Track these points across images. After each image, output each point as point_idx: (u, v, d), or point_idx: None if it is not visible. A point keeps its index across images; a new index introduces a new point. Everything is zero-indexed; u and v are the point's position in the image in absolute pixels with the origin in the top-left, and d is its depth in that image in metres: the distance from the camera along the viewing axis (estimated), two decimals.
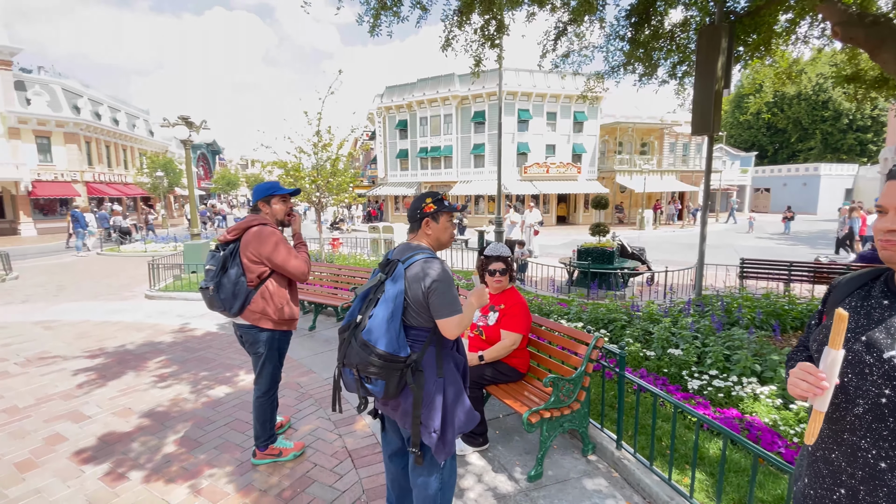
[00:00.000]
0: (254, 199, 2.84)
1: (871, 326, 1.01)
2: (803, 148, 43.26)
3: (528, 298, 6.44)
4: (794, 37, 6.25)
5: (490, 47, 6.39)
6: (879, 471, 0.95)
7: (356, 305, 1.94)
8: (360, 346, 1.78)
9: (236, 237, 2.71)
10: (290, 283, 2.85)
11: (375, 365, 1.76)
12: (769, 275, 7.62)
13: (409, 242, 2.04)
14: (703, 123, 5.27)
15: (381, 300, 1.83)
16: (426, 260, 1.89)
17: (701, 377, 3.86)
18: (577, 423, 2.95)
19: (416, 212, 2.02)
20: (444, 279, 1.86)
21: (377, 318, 1.79)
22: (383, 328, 1.77)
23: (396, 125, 32.52)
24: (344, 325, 1.91)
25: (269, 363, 2.83)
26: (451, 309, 1.85)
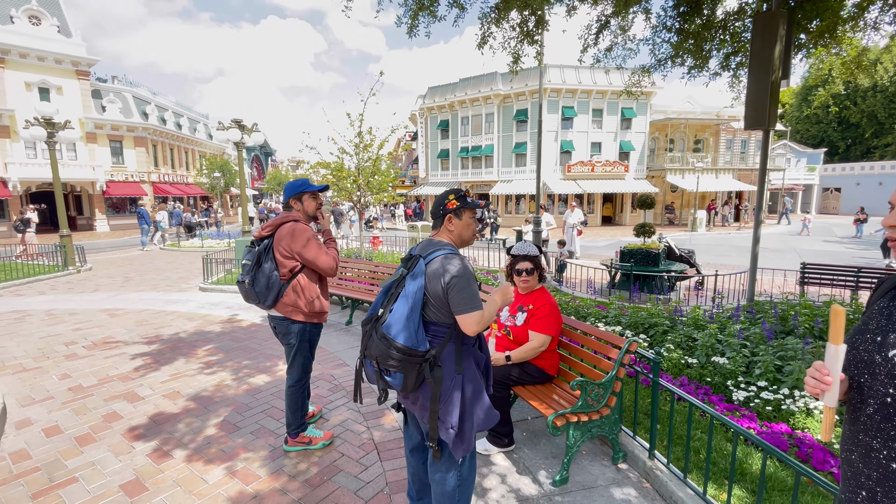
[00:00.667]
0: (285, 196, 2.95)
1: (889, 327, 1.00)
2: (879, 144, 39.34)
3: (565, 300, 6.28)
4: (862, 22, 5.70)
5: (529, 44, 6.29)
6: (892, 471, 0.93)
7: (379, 299, 1.96)
8: (380, 338, 1.81)
9: (270, 233, 2.83)
10: (320, 277, 2.95)
11: (394, 358, 1.78)
12: (834, 281, 7.00)
13: (432, 239, 2.04)
14: (757, 117, 4.92)
15: (402, 295, 1.85)
16: (446, 256, 1.89)
17: (748, 388, 3.61)
18: (607, 429, 2.84)
19: (440, 208, 2.03)
20: (464, 275, 1.85)
21: (397, 312, 1.82)
22: (402, 322, 1.79)
23: (438, 125, 32.73)
24: (367, 317, 1.94)
25: (301, 354, 2.93)
26: (471, 305, 1.83)
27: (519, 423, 3.46)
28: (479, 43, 5.59)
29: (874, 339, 1.00)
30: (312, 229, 2.88)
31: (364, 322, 1.94)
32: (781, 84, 5.06)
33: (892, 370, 0.94)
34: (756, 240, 5.37)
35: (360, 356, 1.96)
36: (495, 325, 3.25)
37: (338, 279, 7.16)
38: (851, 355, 1.04)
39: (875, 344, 0.99)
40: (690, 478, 2.61)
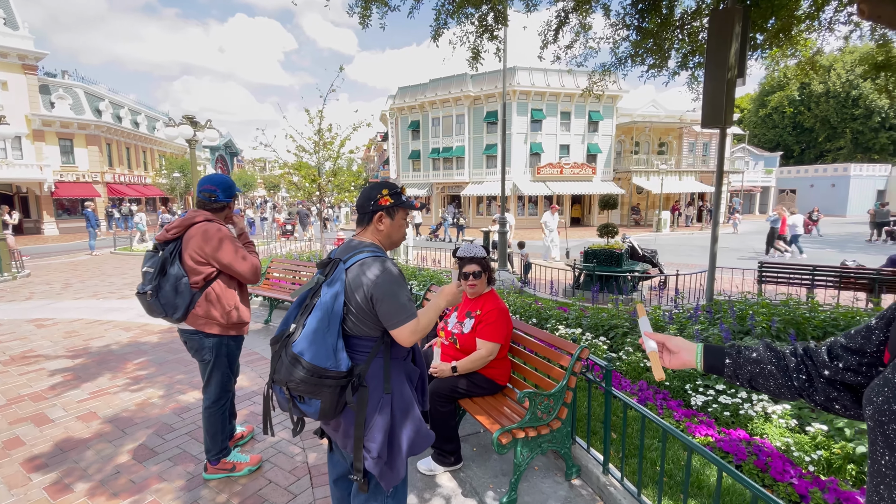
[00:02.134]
0: (224, 195, 2.60)
1: None
2: (832, 147, 41.57)
3: (527, 302, 6.11)
4: (817, 22, 5.79)
5: (489, 39, 6.11)
6: None
7: (291, 312, 1.67)
8: (290, 360, 1.51)
9: (177, 235, 2.48)
10: (239, 283, 2.62)
11: (308, 382, 1.50)
12: (791, 280, 7.12)
13: (353, 239, 1.76)
14: (714, 115, 4.87)
15: (317, 306, 1.56)
16: (372, 259, 1.62)
17: (706, 392, 3.49)
18: (559, 443, 2.63)
19: (369, 203, 1.73)
20: (393, 281, 1.60)
21: (310, 327, 1.53)
22: (317, 339, 1.51)
23: (409, 126, 32.41)
24: (276, 335, 1.63)
25: (218, 371, 2.60)
26: (405, 314, 1.60)
27: (469, 438, 3.22)
28: (434, 35, 5.37)
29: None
30: (228, 230, 2.55)
31: (273, 340, 1.62)
32: (737, 83, 5.04)
33: None
34: (714, 239, 5.35)
35: (268, 381, 1.66)
36: (442, 333, 3.00)
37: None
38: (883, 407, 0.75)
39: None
40: (646, 494, 2.43)
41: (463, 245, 2.96)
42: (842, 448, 2.70)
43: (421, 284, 7.51)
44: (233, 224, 2.71)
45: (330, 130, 9.23)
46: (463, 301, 3.03)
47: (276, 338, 1.61)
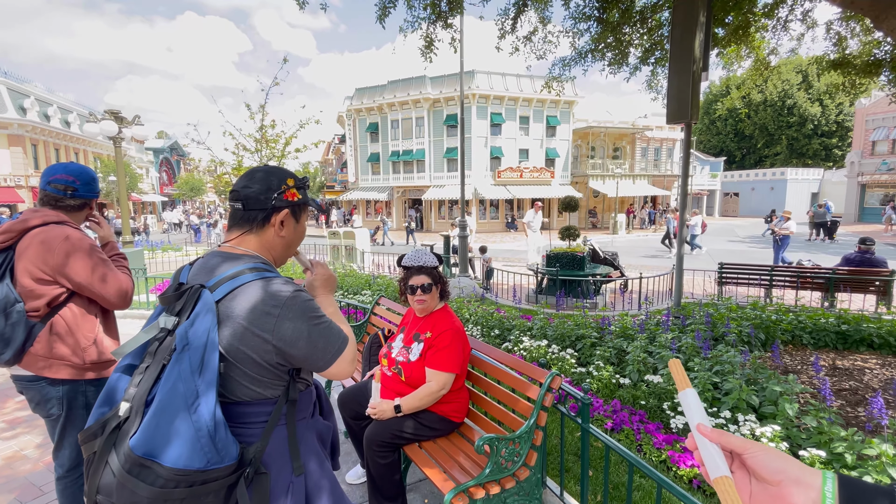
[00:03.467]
0: (43, 184, 1.93)
1: None
2: (770, 153, 44.34)
3: (489, 311, 5.66)
4: (773, 21, 5.73)
5: (443, 27, 5.64)
6: None
7: (115, 383, 1.03)
8: (129, 467, 0.90)
9: (7, 243, 1.80)
10: (102, 310, 1.96)
11: (173, 499, 0.91)
12: (750, 280, 7.07)
13: (223, 250, 1.16)
14: (680, 109, 4.62)
15: (170, 369, 0.96)
16: (262, 283, 1.06)
17: None
18: (527, 494, 2.14)
19: (270, 196, 1.15)
20: (306, 308, 1.07)
21: (161, 405, 0.93)
22: (178, 425, 0.92)
23: (367, 128, 31.58)
24: (88, 428, 0.98)
25: (73, 428, 1.91)
26: (337, 343, 1.12)
27: (419, 486, 2.67)
28: (380, 15, 4.83)
29: None
30: (87, 236, 1.89)
31: (86, 436, 0.98)
32: (702, 77, 4.82)
33: None
34: (681, 240, 5.10)
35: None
36: (385, 360, 2.45)
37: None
38: None
39: None
40: None
41: (409, 252, 2.43)
42: None
43: (375, 293, 6.91)
44: (97, 225, 2.05)
45: (273, 127, 8.47)
46: (410, 320, 2.50)
47: (90, 432, 0.97)
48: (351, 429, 2.51)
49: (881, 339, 4.46)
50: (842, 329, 4.60)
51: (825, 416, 2.74)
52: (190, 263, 1.20)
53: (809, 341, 4.62)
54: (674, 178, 33.51)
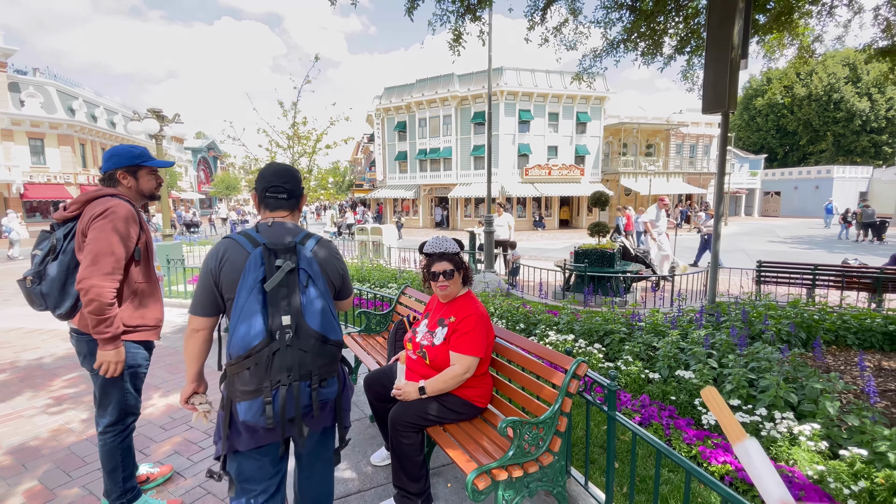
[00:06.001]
0: (107, 166, 2.09)
1: None
2: (814, 150, 42.07)
3: (514, 306, 5.62)
4: (818, 6, 5.43)
5: (472, 20, 5.63)
6: None
7: (254, 306, 1.44)
8: (314, 344, 1.47)
9: (76, 213, 1.96)
10: (149, 273, 2.09)
11: (335, 359, 1.57)
12: (790, 279, 6.74)
13: (285, 221, 1.69)
14: (717, 99, 4.45)
15: (309, 288, 1.53)
16: (327, 241, 1.71)
17: None
18: (550, 481, 2.12)
19: (300, 187, 1.75)
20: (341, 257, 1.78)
21: (316, 307, 1.52)
22: (327, 317, 1.54)
23: (395, 127, 31.89)
24: (259, 341, 1.41)
25: (114, 386, 2.04)
26: (351, 288, 1.86)
27: (442, 470, 2.69)
28: (409, 7, 4.86)
29: None
30: (138, 219, 2.02)
31: (254, 349, 1.40)
32: (741, 66, 4.63)
33: None
34: (717, 235, 4.91)
35: (277, 385, 1.42)
36: (409, 344, 2.48)
37: None
38: None
39: None
40: None
41: (430, 239, 2.45)
42: (886, 477, 2.24)
43: (401, 285, 6.98)
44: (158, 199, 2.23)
45: (305, 124, 8.67)
46: (434, 306, 2.52)
47: (266, 339, 1.42)
48: (376, 411, 2.55)
49: None
50: (889, 330, 4.32)
51: (868, 415, 2.59)
52: (246, 233, 1.57)
53: (854, 342, 4.37)
54: (710, 176, 32.30)
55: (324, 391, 1.51)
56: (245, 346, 1.39)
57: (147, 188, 2.19)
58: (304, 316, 1.45)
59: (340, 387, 1.61)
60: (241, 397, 1.41)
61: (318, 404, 1.48)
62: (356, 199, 39.08)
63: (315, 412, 1.48)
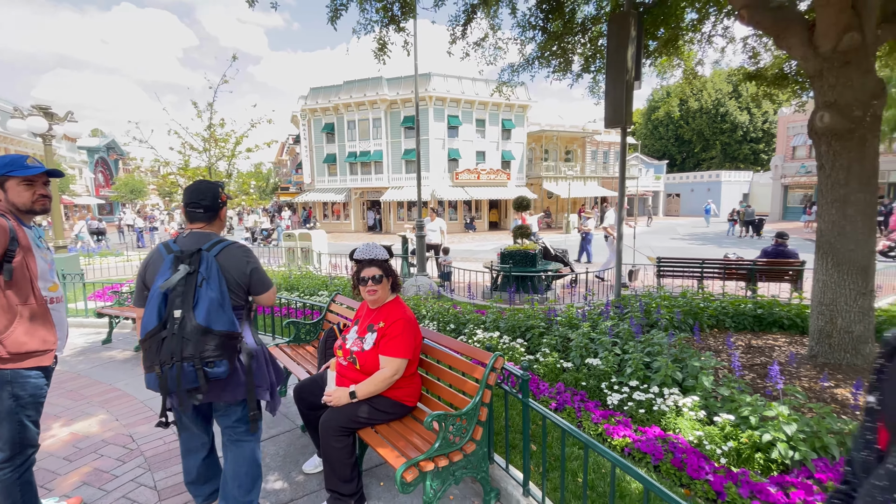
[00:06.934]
0: None
1: None
2: (706, 157, 47.64)
3: (445, 307, 5.84)
4: (699, 35, 6.29)
5: (396, 31, 5.78)
6: None
7: (156, 304, 1.83)
8: (199, 332, 1.79)
9: None
10: (31, 295, 1.95)
11: (222, 346, 1.85)
12: (684, 273, 7.69)
13: (199, 231, 2.06)
14: (616, 116, 5.02)
15: (206, 287, 1.86)
16: (238, 247, 2.05)
17: (621, 389, 3.44)
18: (474, 467, 2.32)
19: (218, 202, 2.10)
20: (253, 255, 2.13)
21: (209, 304, 1.84)
22: (218, 311, 1.86)
23: (323, 128, 31.06)
24: (152, 328, 1.81)
25: (7, 419, 1.89)
26: (268, 282, 2.18)
27: (375, 470, 2.79)
28: (332, 17, 4.89)
29: None
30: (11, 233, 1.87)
31: (149, 334, 1.81)
32: (634, 86, 5.24)
33: None
34: (620, 236, 5.51)
35: (163, 364, 1.79)
36: (339, 351, 2.55)
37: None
38: None
39: None
40: None
41: (360, 246, 2.55)
42: (749, 437, 2.72)
43: (331, 293, 6.91)
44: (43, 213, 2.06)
45: (223, 126, 8.25)
46: (364, 313, 2.62)
47: (157, 328, 1.81)
48: (307, 419, 2.59)
49: (790, 320, 5.04)
50: (757, 313, 5.15)
51: (736, 386, 3.12)
52: (166, 244, 1.99)
53: (731, 325, 5.14)
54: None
55: (211, 371, 1.81)
56: (144, 331, 1.81)
57: (20, 201, 1.98)
58: (194, 310, 1.80)
59: (232, 368, 1.89)
60: (147, 370, 1.83)
61: (203, 381, 1.80)
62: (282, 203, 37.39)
63: (203, 387, 1.81)
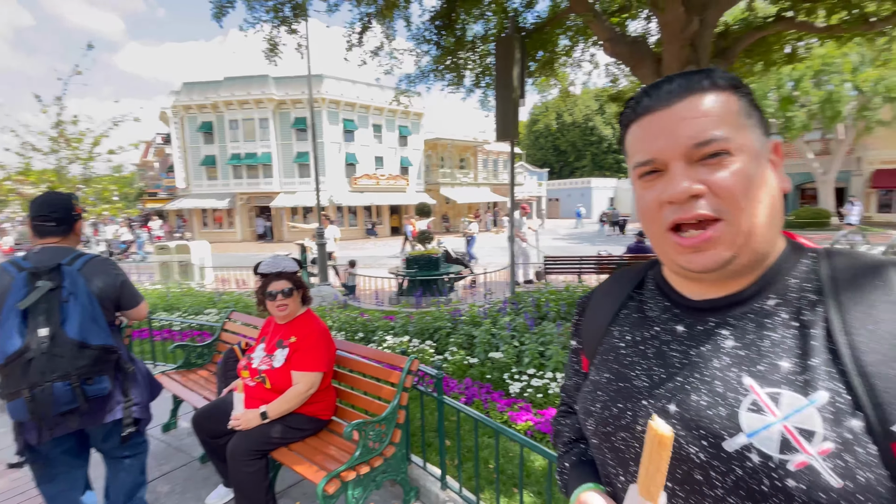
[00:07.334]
0: None
1: (676, 380, 0.59)
2: (579, 166, 53.68)
3: (353, 316, 5.77)
4: (571, 58, 7.16)
5: (288, 32, 5.57)
6: None
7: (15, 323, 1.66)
8: (71, 347, 1.67)
9: None
10: None
11: (99, 360, 1.75)
12: (566, 269, 8.62)
13: (55, 246, 1.90)
14: (505, 130, 5.47)
15: (72, 303, 1.73)
16: (101, 260, 1.95)
17: (521, 378, 3.79)
18: (394, 470, 2.39)
19: (72, 214, 1.96)
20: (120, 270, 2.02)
21: (80, 317, 1.74)
22: (91, 324, 1.77)
23: (199, 128, 28.09)
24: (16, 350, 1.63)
25: None
26: (139, 297, 2.07)
27: (291, 490, 2.70)
28: (217, 13, 4.55)
29: (665, 411, 0.58)
30: None
31: (10, 357, 1.62)
32: (520, 103, 5.78)
33: (747, 478, 0.51)
34: (512, 238, 6.01)
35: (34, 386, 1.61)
36: (246, 372, 2.42)
37: None
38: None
39: (678, 422, 0.56)
40: (484, 499, 2.40)
41: (266, 259, 2.45)
42: None
43: (222, 310, 6.36)
44: None
45: (76, 124, 7.08)
46: (271, 329, 2.52)
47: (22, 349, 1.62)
48: (211, 448, 2.41)
49: None
50: None
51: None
52: (12, 261, 1.79)
53: None
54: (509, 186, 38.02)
55: (90, 388, 1.71)
56: (3, 354, 1.63)
57: None
58: (63, 326, 1.68)
59: (114, 384, 1.81)
60: (8, 398, 1.64)
61: (83, 399, 1.68)
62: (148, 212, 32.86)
63: (81, 406, 1.68)
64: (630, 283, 0.75)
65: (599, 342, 0.73)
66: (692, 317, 0.62)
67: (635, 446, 0.61)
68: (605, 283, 0.81)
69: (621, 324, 0.71)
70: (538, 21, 5.97)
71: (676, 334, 0.63)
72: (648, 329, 0.67)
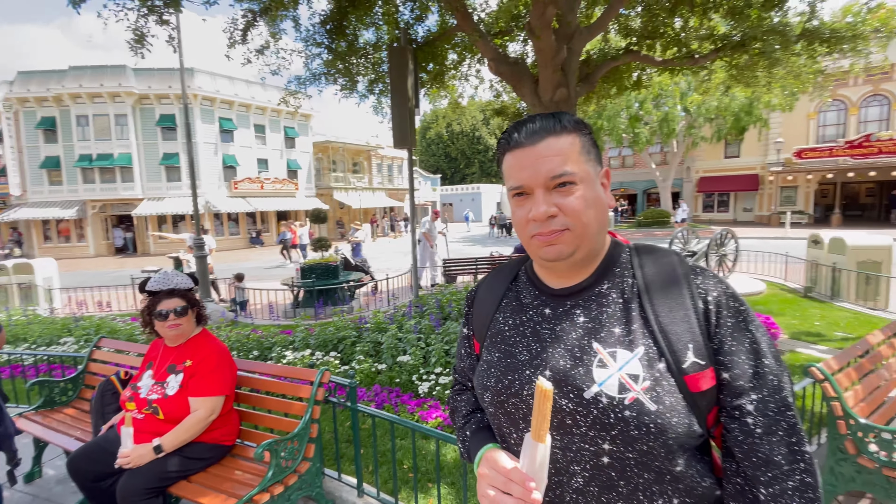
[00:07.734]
0: None
1: (548, 351, 0.77)
2: (469, 172, 56.48)
3: (244, 333, 5.36)
4: (459, 72, 7.58)
5: (158, 23, 5.00)
6: None
7: None
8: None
9: None
10: None
11: None
12: (464, 271, 9.07)
13: None
14: (401, 137, 5.62)
15: None
16: None
17: (429, 378, 3.94)
18: (308, 486, 2.34)
19: None
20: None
21: None
22: None
23: (38, 124, 23.35)
24: None
25: None
26: None
27: None
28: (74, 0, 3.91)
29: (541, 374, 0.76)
30: None
31: None
32: (415, 112, 5.98)
33: (602, 417, 0.69)
34: (414, 243, 6.17)
35: None
36: (131, 404, 2.16)
37: None
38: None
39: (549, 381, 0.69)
40: (402, 498, 2.47)
41: (155, 276, 2.22)
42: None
43: (80, 338, 5.44)
44: None
45: None
46: (160, 353, 2.29)
47: None
48: (93, 493, 2.10)
49: None
50: None
51: None
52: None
53: None
54: (405, 191, 38.40)
55: None
56: None
57: None
58: None
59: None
60: None
61: None
62: None
63: None
64: (507, 277, 0.93)
65: (488, 328, 0.90)
66: (555, 301, 0.82)
67: (523, 408, 0.77)
68: (487, 278, 0.99)
69: (503, 311, 0.88)
70: (428, 35, 6.23)
71: (545, 316, 0.81)
72: (525, 313, 0.85)
